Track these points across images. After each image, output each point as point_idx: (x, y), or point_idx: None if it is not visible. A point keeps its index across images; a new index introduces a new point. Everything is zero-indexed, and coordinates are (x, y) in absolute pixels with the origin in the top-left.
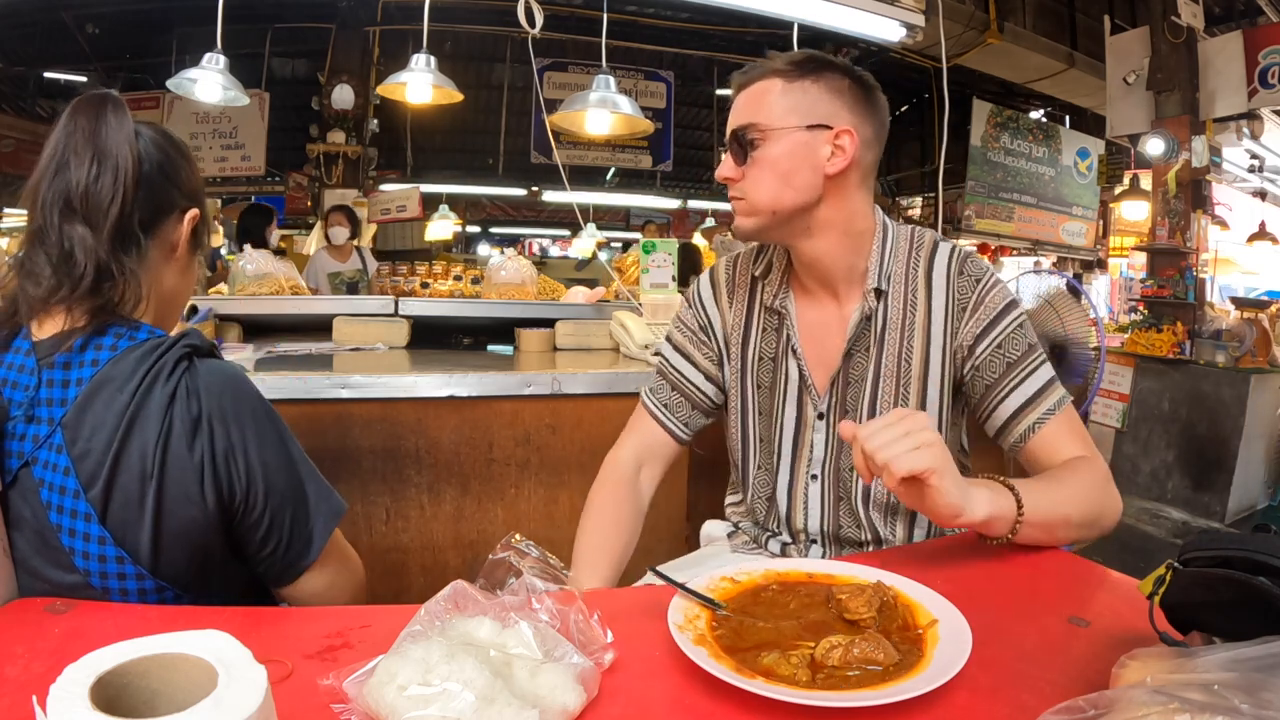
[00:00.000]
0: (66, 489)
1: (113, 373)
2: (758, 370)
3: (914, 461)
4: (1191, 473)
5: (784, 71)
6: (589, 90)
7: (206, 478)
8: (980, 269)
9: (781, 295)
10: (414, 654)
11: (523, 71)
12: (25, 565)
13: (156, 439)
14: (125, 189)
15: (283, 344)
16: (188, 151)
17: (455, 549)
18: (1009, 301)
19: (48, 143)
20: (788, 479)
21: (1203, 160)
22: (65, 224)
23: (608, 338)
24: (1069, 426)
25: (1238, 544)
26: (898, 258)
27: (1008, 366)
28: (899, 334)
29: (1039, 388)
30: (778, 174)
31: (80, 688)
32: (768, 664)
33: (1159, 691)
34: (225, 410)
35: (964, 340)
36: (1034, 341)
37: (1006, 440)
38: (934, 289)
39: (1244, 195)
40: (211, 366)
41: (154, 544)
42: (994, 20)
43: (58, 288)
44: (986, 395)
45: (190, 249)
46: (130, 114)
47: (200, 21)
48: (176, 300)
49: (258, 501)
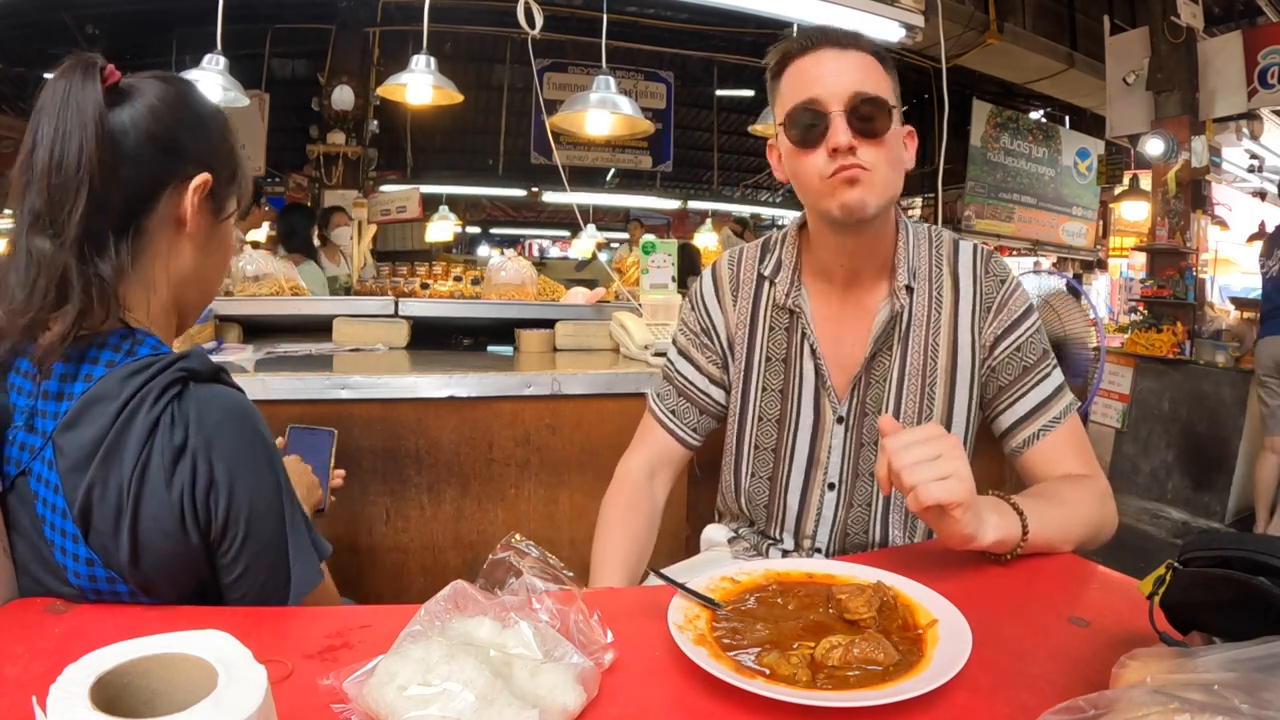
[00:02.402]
0: (56, 507)
1: (100, 391)
2: (765, 373)
3: (942, 493)
4: (1191, 473)
5: (875, 52)
6: (589, 91)
7: (186, 514)
8: (1004, 269)
9: (794, 293)
10: (414, 654)
11: (523, 72)
12: (26, 570)
13: (132, 470)
14: (91, 179)
15: (283, 344)
16: (198, 105)
17: (455, 549)
18: (1029, 305)
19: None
20: (801, 486)
21: (1202, 160)
22: (30, 235)
23: (607, 338)
24: (1070, 438)
25: (1238, 544)
26: (919, 253)
27: (1024, 370)
28: (924, 331)
29: (1048, 394)
30: (896, 157)
31: (80, 688)
32: (768, 664)
33: (1159, 691)
34: (213, 444)
35: (986, 340)
36: (1048, 347)
37: (1008, 444)
38: (961, 285)
39: (1244, 195)
40: (208, 395)
41: (139, 571)
42: (994, 21)
43: (26, 309)
44: (999, 397)
45: (208, 219)
46: (100, 81)
47: (200, 22)
48: (202, 278)
49: (234, 545)
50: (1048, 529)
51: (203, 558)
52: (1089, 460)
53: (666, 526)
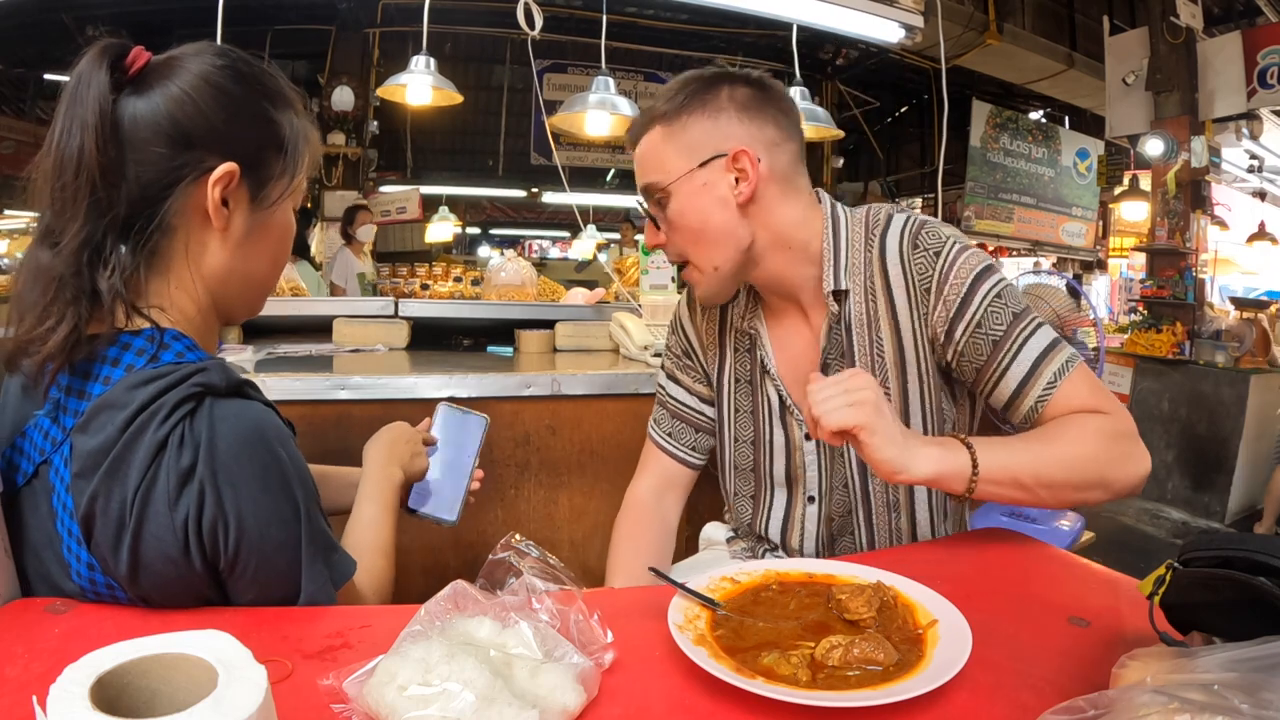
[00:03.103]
0: (66, 505)
1: (113, 399)
2: (735, 395)
3: (843, 417)
4: (1191, 473)
5: (662, 115)
6: (588, 91)
7: (191, 542)
8: (936, 238)
9: (750, 315)
10: (414, 654)
11: (522, 73)
12: (38, 557)
13: (136, 489)
14: (93, 181)
15: (283, 345)
16: (231, 86)
17: (455, 549)
18: (977, 273)
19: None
20: (784, 503)
21: (1202, 161)
22: (37, 249)
23: (607, 339)
24: (1077, 390)
25: (1238, 544)
26: (854, 248)
27: (994, 346)
28: (866, 330)
29: (1035, 359)
30: (695, 228)
31: (80, 688)
32: (768, 664)
33: (1159, 691)
34: (222, 472)
35: (938, 328)
36: (1019, 309)
37: (1015, 420)
38: (890, 272)
39: (1243, 195)
40: (223, 414)
41: (138, 586)
42: (993, 21)
43: (37, 324)
44: (979, 380)
45: (244, 210)
46: (111, 70)
47: (200, 24)
48: (245, 274)
49: (246, 575)
50: (1014, 465)
51: (206, 584)
52: (1104, 400)
53: None
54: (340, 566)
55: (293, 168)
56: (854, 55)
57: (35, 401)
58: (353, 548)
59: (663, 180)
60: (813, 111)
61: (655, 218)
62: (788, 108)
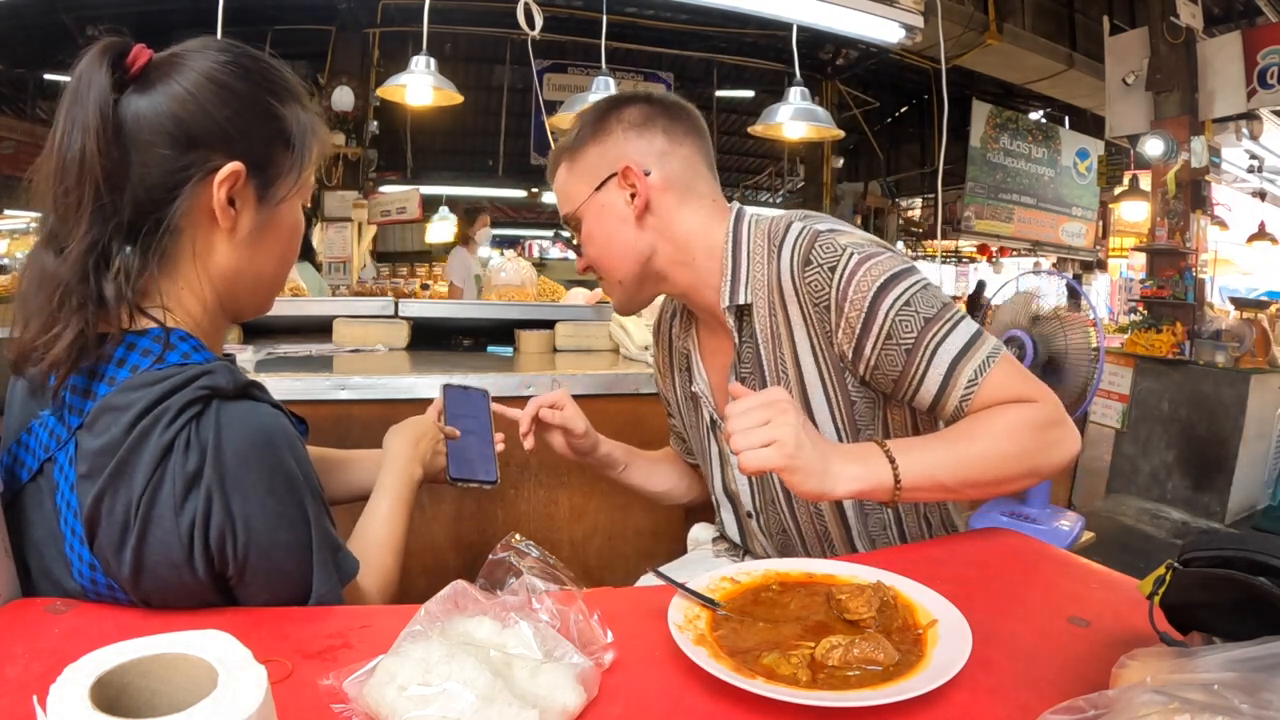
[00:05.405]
0: (70, 505)
1: (118, 400)
2: (684, 411)
3: (760, 460)
4: (1191, 473)
5: (566, 150)
6: (588, 91)
7: (196, 548)
8: (831, 252)
9: (683, 334)
10: (414, 654)
11: (522, 73)
12: (40, 556)
13: (142, 492)
14: (95, 183)
15: (283, 345)
16: (236, 83)
17: (455, 549)
18: (880, 285)
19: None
20: (735, 521)
21: (1202, 161)
22: (41, 252)
23: (607, 339)
24: (1001, 384)
25: (1238, 544)
26: (756, 260)
27: (907, 355)
28: (772, 346)
29: (951, 361)
30: (603, 247)
31: (80, 688)
32: (768, 664)
33: (1159, 691)
34: (229, 478)
35: (844, 346)
36: (932, 311)
37: (945, 421)
38: (784, 288)
39: (1243, 195)
40: (230, 417)
41: (140, 589)
42: (993, 21)
43: (43, 331)
44: (897, 390)
45: (251, 209)
46: (112, 69)
47: (200, 24)
48: (253, 275)
49: (256, 581)
50: (937, 469)
51: (209, 589)
52: (1031, 388)
53: (666, 526)
54: (345, 565)
55: (300, 163)
56: (854, 55)
57: (41, 400)
58: (364, 542)
59: (572, 209)
60: (812, 111)
61: (576, 245)
62: (680, 116)
